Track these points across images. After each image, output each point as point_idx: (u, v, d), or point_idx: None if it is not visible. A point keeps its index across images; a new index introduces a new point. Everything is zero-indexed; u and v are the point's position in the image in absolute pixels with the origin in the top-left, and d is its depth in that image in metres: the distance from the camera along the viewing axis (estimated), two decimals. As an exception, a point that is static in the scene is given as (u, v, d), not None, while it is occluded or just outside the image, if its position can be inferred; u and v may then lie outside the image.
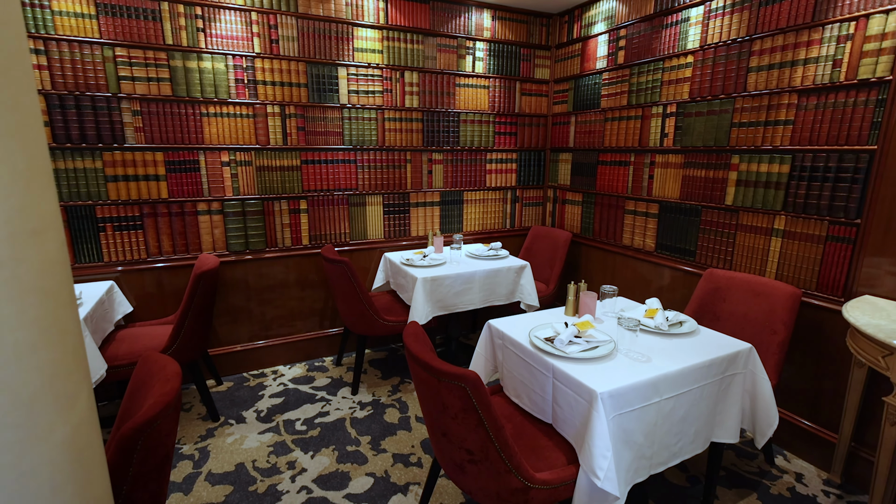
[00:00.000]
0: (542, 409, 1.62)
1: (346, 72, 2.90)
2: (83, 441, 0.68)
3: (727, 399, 1.68)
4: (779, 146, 2.14)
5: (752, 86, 2.22)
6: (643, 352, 1.61)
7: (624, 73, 2.95)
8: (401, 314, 2.74)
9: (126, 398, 1.34)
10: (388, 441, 2.27)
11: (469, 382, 1.22)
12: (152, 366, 1.29)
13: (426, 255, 2.91)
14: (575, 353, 1.56)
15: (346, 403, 2.61)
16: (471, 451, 1.33)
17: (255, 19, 2.62)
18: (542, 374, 1.59)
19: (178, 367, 1.24)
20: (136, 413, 1.20)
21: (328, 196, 3.00)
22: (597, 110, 3.19)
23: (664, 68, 2.68)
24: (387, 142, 3.11)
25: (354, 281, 2.51)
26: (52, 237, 0.63)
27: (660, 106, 2.72)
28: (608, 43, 3.05)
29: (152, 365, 1.30)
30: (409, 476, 2.03)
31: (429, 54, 3.13)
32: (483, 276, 2.79)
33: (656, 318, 1.82)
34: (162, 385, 1.16)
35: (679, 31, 2.57)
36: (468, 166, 3.43)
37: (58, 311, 0.64)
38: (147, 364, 1.32)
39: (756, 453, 2.19)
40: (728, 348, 1.67)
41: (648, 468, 1.52)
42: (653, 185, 2.82)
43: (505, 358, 1.81)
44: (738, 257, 2.37)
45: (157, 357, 1.31)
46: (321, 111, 2.88)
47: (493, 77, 3.38)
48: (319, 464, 2.11)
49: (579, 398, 1.43)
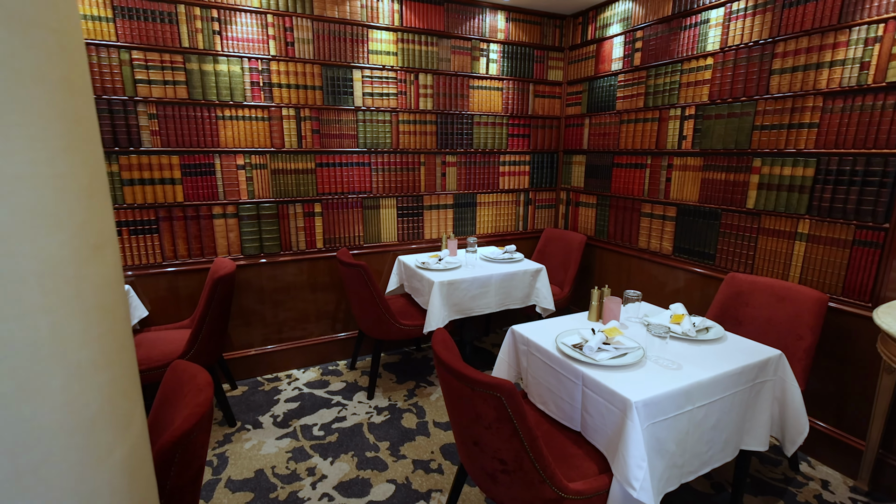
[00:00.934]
0: (570, 416, 1.60)
1: (361, 74, 2.89)
2: (139, 461, 0.67)
3: (757, 406, 1.66)
4: (803, 149, 2.12)
5: (776, 88, 2.20)
6: (673, 359, 1.59)
7: (640, 74, 2.93)
8: (417, 318, 2.72)
9: (155, 408, 1.32)
10: (407, 447, 2.25)
11: (505, 392, 1.20)
12: (182, 375, 1.28)
13: (441, 258, 2.89)
14: (605, 361, 1.54)
15: (363, 408, 2.59)
16: (504, 460, 1.31)
17: (271, 21, 2.61)
18: (571, 382, 1.57)
19: (209, 377, 1.22)
20: (167, 424, 1.19)
21: (342, 199, 2.99)
22: (612, 112, 3.17)
23: (682, 70, 2.65)
24: (401, 144, 3.09)
25: (371, 285, 2.49)
26: (111, 252, 0.62)
27: (678, 108, 2.70)
28: (624, 44, 3.03)
29: (182, 374, 1.28)
30: (431, 483, 2.01)
31: (443, 56, 3.11)
32: (499, 280, 2.77)
33: (683, 323, 1.80)
34: (195, 395, 1.14)
35: (698, 32, 2.54)
36: (481, 168, 3.41)
37: (116, 327, 0.62)
38: (176, 373, 1.30)
39: (780, 459, 2.17)
40: (758, 355, 1.65)
41: (680, 477, 1.50)
42: (670, 188, 2.80)
43: (530, 364, 1.80)
44: (759, 261, 2.35)
45: (187, 366, 1.30)
46: (336, 114, 2.87)
47: (507, 79, 3.36)
48: (339, 470, 2.09)
49: (612, 407, 1.41)
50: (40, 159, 0.50)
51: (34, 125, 0.50)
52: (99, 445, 0.59)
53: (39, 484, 0.53)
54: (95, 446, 0.58)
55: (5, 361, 0.49)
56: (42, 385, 0.52)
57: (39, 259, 0.51)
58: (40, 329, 0.52)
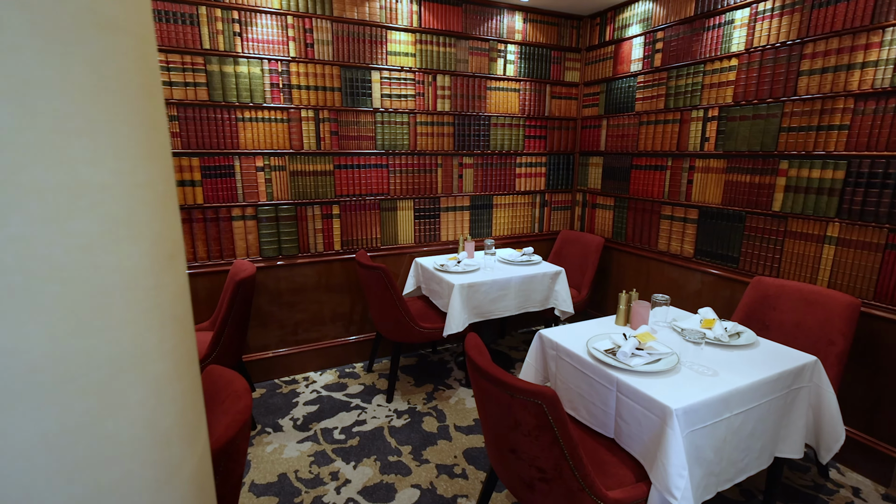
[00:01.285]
0: (603, 423, 1.58)
1: (380, 75, 2.87)
2: (205, 473, 0.65)
3: (792, 413, 1.63)
4: (832, 152, 2.09)
5: (804, 90, 2.17)
6: (708, 365, 1.57)
7: (661, 76, 2.90)
8: (436, 321, 2.71)
9: (189, 413, 1.31)
10: (429, 451, 2.24)
11: (547, 400, 1.19)
12: (217, 380, 1.27)
13: (460, 260, 2.87)
14: (639, 367, 1.52)
15: (383, 411, 2.57)
16: (542, 469, 1.29)
17: (291, 23, 2.60)
18: (605, 388, 1.55)
19: (246, 383, 1.21)
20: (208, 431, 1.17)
21: (360, 201, 2.97)
22: (630, 113, 3.15)
23: (705, 71, 2.63)
24: (418, 146, 3.08)
25: (392, 288, 2.48)
26: (181, 261, 0.60)
27: (700, 109, 2.67)
28: (644, 45, 3.01)
29: (217, 379, 1.27)
30: (456, 488, 1.99)
31: (461, 57, 3.10)
32: (518, 283, 2.75)
33: (715, 328, 1.77)
34: (234, 402, 1.13)
35: (722, 33, 2.52)
36: (498, 170, 3.39)
37: (186, 339, 0.61)
38: (211, 378, 1.29)
39: (808, 466, 2.14)
40: (793, 361, 1.62)
41: (716, 485, 1.48)
42: (692, 190, 2.77)
43: (559, 369, 1.78)
44: (786, 265, 2.32)
45: (222, 371, 1.28)
46: (354, 115, 2.86)
47: (524, 80, 3.34)
48: (363, 474, 2.08)
49: (649, 414, 1.39)
50: (124, 168, 0.49)
51: (119, 133, 0.48)
52: (172, 461, 0.57)
53: (119, 502, 0.51)
54: (169, 462, 0.57)
55: (90, 376, 0.48)
56: (123, 400, 0.51)
57: (122, 270, 0.49)
58: (122, 343, 0.50)
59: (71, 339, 0.46)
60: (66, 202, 0.44)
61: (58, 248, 0.44)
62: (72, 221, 0.45)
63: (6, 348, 0.42)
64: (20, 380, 0.44)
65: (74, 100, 0.44)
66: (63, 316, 0.45)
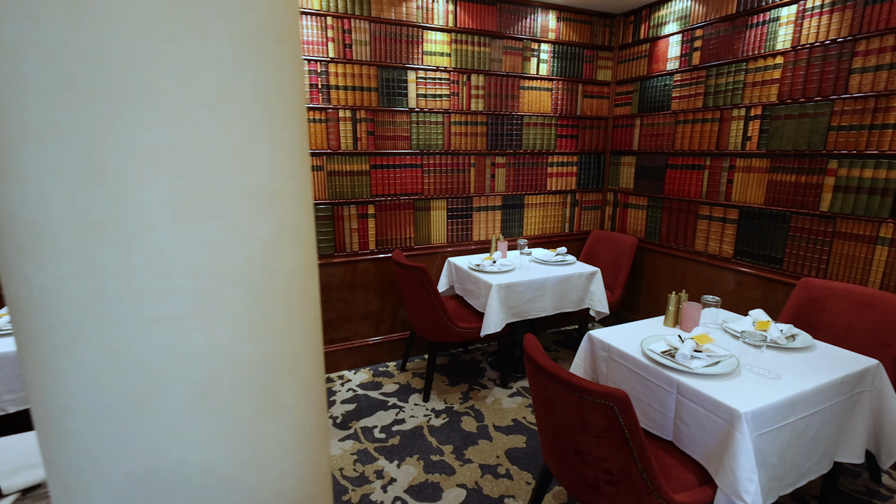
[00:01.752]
0: (660, 425, 1.57)
1: (416, 75, 2.88)
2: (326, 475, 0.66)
3: (853, 418, 1.60)
4: (887, 151, 2.05)
5: (856, 87, 2.13)
6: (769, 368, 1.55)
7: (699, 74, 2.86)
8: (471, 321, 2.71)
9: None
10: (471, 451, 2.24)
11: (619, 402, 1.18)
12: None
13: (495, 260, 2.87)
14: (700, 369, 1.50)
15: (420, 411, 2.58)
16: (610, 471, 1.28)
17: (331, 24, 2.62)
18: (663, 390, 1.53)
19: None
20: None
21: (395, 201, 2.98)
22: (666, 112, 3.11)
23: (747, 69, 2.59)
24: (452, 146, 3.08)
25: (430, 287, 2.49)
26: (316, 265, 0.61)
27: (741, 108, 2.64)
28: (681, 43, 2.97)
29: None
30: (502, 488, 1.99)
31: (495, 57, 3.09)
32: (555, 283, 2.74)
33: (770, 331, 1.75)
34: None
35: (766, 31, 2.48)
36: (530, 170, 3.38)
37: (320, 341, 0.62)
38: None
39: (859, 471, 2.10)
40: (855, 364, 1.59)
41: (778, 490, 1.46)
42: (732, 190, 2.74)
43: (611, 370, 1.77)
44: (834, 266, 2.28)
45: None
46: (390, 115, 2.87)
47: (557, 79, 3.32)
48: (407, 473, 2.09)
49: (714, 417, 1.38)
50: (289, 174, 0.50)
51: (287, 139, 0.49)
52: (314, 461, 0.58)
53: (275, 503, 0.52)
54: (312, 461, 0.58)
55: (257, 378, 0.48)
56: (282, 403, 0.52)
57: (285, 274, 0.50)
58: (282, 346, 0.51)
59: (247, 341, 0.47)
60: (249, 207, 0.45)
61: (240, 253, 0.45)
62: (253, 226, 0.46)
63: (198, 349, 0.43)
64: (206, 381, 0.45)
65: (260, 108, 0.44)
66: (241, 319, 0.46)
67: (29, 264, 0.39)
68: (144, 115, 0.38)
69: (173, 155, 0.39)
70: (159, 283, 0.41)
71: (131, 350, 0.41)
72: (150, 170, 0.39)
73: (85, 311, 0.40)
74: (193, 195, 0.41)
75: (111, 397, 0.41)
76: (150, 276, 0.41)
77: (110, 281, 0.39)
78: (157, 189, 0.40)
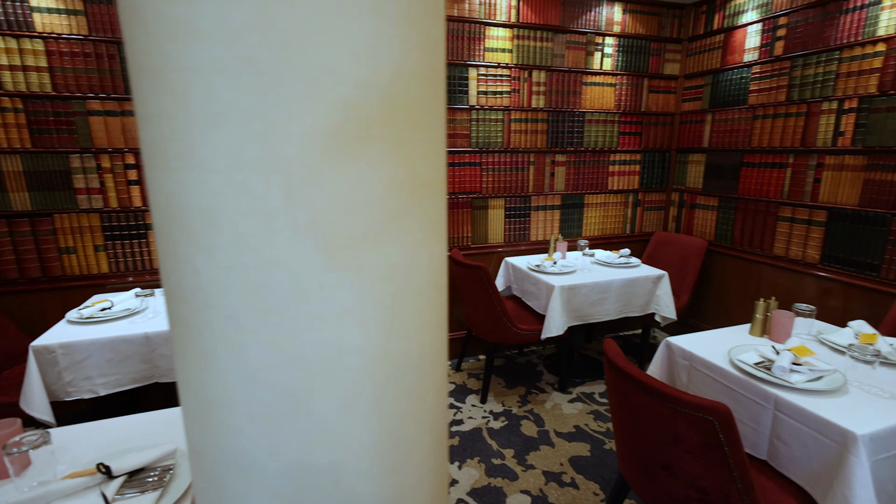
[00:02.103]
0: (752, 442, 1.45)
1: (476, 72, 2.84)
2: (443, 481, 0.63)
3: (980, 446, 1.42)
4: None
5: (978, 75, 1.90)
6: (882, 387, 1.40)
7: (783, 65, 2.66)
8: (532, 323, 2.64)
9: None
10: (532, 456, 2.18)
11: (720, 417, 1.09)
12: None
13: (556, 261, 2.79)
14: (801, 384, 1.38)
15: (478, 412, 2.55)
16: (704, 490, 1.19)
17: (395, 22, 2.62)
18: (758, 405, 1.42)
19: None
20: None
21: (454, 199, 2.96)
22: (742, 107, 2.92)
23: (840, 59, 2.38)
24: (512, 143, 3.02)
25: (491, 287, 2.44)
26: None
27: (833, 101, 2.42)
28: (762, 33, 2.77)
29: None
30: (568, 498, 1.92)
31: (557, 52, 3.00)
32: (620, 286, 2.62)
33: (878, 345, 1.58)
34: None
35: (865, 15, 2.26)
36: (590, 168, 3.27)
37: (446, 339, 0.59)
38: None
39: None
40: (985, 386, 1.41)
41: (893, 522, 1.31)
42: (819, 190, 2.52)
43: (692, 380, 1.66)
44: (945, 275, 2.05)
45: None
46: (451, 113, 2.84)
47: (621, 74, 3.19)
48: (469, 475, 2.05)
49: (822, 438, 1.25)
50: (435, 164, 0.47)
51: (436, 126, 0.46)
52: (442, 466, 0.55)
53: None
54: (441, 467, 0.55)
55: (404, 379, 0.46)
56: (424, 404, 0.49)
57: (430, 269, 0.47)
58: (425, 344, 0.48)
59: (397, 340, 0.45)
60: (407, 199, 0.42)
61: (396, 247, 0.43)
62: (408, 218, 0.43)
63: (354, 346, 0.41)
64: (359, 380, 0.42)
65: (423, 93, 0.42)
66: (394, 315, 0.44)
67: (200, 254, 0.38)
68: (320, 100, 0.36)
69: (342, 143, 0.37)
70: (323, 278, 0.39)
71: (294, 346, 0.40)
72: (321, 159, 0.37)
73: (251, 305, 0.38)
74: (359, 185, 0.39)
75: (272, 394, 0.40)
76: (315, 269, 0.39)
77: (277, 273, 0.38)
78: (327, 179, 0.38)
